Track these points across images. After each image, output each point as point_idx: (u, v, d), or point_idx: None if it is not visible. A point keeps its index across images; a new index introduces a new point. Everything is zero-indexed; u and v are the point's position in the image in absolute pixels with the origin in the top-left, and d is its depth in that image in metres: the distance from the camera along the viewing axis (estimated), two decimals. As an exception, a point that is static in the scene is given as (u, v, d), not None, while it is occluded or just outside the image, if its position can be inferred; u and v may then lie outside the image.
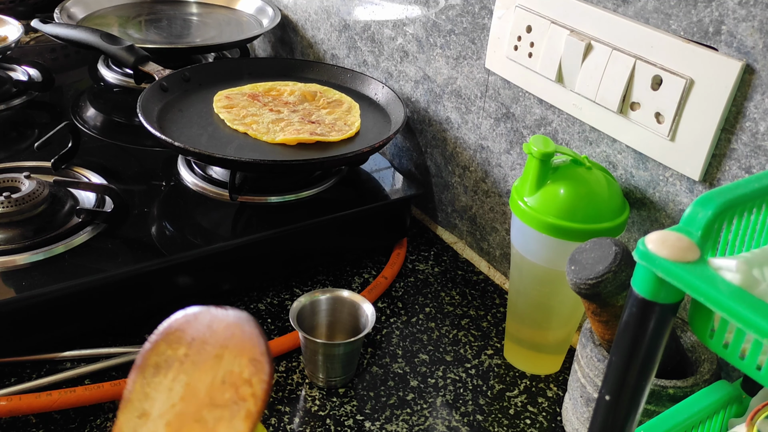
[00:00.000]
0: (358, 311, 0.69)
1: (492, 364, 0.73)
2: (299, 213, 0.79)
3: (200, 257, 0.73)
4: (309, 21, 1.14)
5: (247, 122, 0.85)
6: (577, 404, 0.62)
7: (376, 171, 0.90)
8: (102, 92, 1.11)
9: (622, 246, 0.51)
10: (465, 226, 0.90)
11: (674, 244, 0.33)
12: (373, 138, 0.85)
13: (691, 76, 0.57)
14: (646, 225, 0.66)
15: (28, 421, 0.62)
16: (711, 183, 0.59)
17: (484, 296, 0.83)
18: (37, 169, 0.82)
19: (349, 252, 0.86)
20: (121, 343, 0.70)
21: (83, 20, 1.18)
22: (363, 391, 0.68)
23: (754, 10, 0.52)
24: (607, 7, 0.63)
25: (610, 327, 0.55)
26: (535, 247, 0.64)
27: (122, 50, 0.97)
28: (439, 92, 0.88)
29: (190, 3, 1.31)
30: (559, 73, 0.68)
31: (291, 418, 0.65)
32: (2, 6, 1.31)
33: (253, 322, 0.43)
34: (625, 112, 0.63)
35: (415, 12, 0.88)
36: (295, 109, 0.89)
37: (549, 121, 0.73)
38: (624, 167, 0.66)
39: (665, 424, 0.48)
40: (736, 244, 0.38)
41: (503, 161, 0.81)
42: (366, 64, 1.02)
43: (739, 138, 0.56)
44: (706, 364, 0.58)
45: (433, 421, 0.66)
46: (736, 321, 0.30)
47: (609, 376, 0.37)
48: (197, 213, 0.80)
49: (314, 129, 0.84)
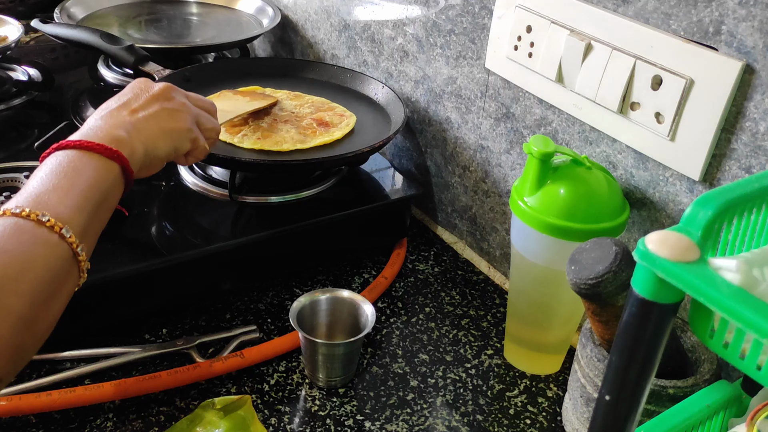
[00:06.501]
0: (358, 311, 0.69)
1: (492, 364, 0.73)
2: (299, 213, 0.79)
3: (200, 257, 0.73)
4: (309, 21, 1.14)
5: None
6: (577, 404, 0.62)
7: (376, 171, 0.90)
8: (102, 92, 1.10)
9: (622, 246, 0.51)
10: (465, 226, 0.90)
11: (674, 244, 0.33)
12: (373, 138, 0.85)
13: (691, 76, 0.57)
14: (646, 225, 0.66)
15: (28, 421, 0.62)
16: (711, 183, 0.59)
17: (484, 296, 0.83)
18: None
19: (349, 252, 0.86)
20: (121, 343, 0.70)
21: (83, 20, 1.18)
22: (363, 391, 0.68)
23: (754, 10, 0.52)
24: (607, 7, 0.63)
25: (610, 327, 0.55)
26: (535, 247, 0.64)
27: (122, 50, 0.97)
28: (439, 92, 0.88)
29: (190, 3, 1.31)
30: (559, 73, 0.68)
31: (291, 418, 0.65)
32: (2, 6, 1.31)
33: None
34: (625, 112, 0.63)
35: (415, 12, 0.88)
36: (287, 120, 0.88)
37: (549, 121, 0.73)
38: (624, 167, 0.66)
39: (665, 424, 0.48)
40: (736, 244, 0.38)
41: (503, 161, 0.81)
42: (366, 64, 1.02)
43: (739, 138, 0.56)
44: (706, 364, 0.58)
45: (433, 421, 0.66)
46: (736, 321, 0.30)
47: (609, 376, 0.37)
48: (197, 213, 0.80)
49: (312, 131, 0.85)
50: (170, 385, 0.65)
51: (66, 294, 0.49)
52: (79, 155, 0.52)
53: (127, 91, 0.63)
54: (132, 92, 0.62)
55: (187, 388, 0.67)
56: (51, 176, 0.50)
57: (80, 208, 0.49)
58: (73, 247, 0.48)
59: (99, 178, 0.52)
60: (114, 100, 0.61)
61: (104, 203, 0.52)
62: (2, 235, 0.45)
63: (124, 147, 0.55)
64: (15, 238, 0.45)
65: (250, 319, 0.76)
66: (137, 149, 0.56)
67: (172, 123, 0.61)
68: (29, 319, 0.44)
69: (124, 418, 0.63)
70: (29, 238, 0.46)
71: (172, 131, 0.61)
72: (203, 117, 0.66)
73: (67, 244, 0.47)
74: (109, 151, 0.53)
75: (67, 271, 0.48)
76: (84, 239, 0.49)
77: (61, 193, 0.49)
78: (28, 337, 0.45)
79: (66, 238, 0.47)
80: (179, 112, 0.62)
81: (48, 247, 0.46)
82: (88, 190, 0.51)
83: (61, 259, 0.47)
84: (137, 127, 0.58)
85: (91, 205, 0.51)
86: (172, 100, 0.63)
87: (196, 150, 0.64)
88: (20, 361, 0.46)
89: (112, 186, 0.54)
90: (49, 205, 0.48)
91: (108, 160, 0.53)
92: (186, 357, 0.70)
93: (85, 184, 0.51)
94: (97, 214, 0.51)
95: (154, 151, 0.59)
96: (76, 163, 0.52)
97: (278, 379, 0.69)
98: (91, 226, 0.51)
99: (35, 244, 0.46)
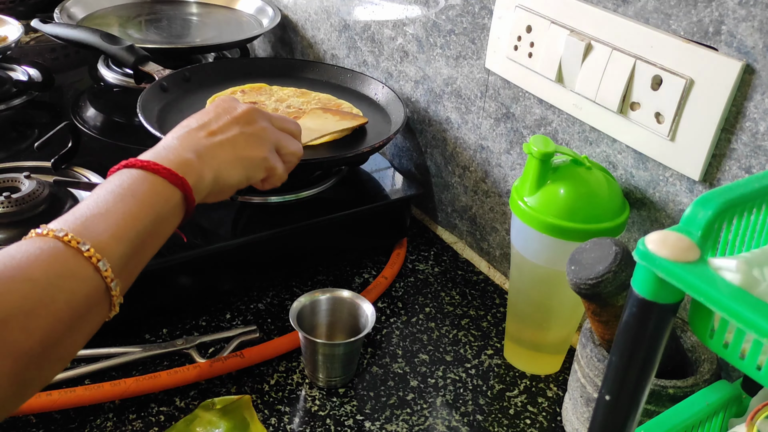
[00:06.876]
0: (358, 311, 0.69)
1: (492, 364, 0.73)
2: (299, 213, 0.79)
3: (200, 257, 0.73)
4: (309, 21, 1.14)
5: None
6: (577, 404, 0.62)
7: (376, 171, 0.90)
8: (102, 92, 1.10)
9: (622, 246, 0.51)
10: (465, 226, 0.90)
11: (674, 244, 0.33)
12: (373, 138, 0.85)
13: (691, 76, 0.57)
14: (646, 225, 0.66)
15: (28, 421, 0.62)
16: (711, 183, 0.59)
17: (484, 296, 0.83)
18: (37, 169, 0.82)
19: (349, 252, 0.86)
20: (121, 343, 0.70)
21: (83, 20, 1.18)
22: (363, 391, 0.68)
23: (754, 10, 0.52)
24: (607, 7, 0.63)
25: (610, 327, 0.55)
26: (535, 247, 0.64)
27: (122, 50, 0.97)
28: (439, 92, 0.88)
29: (190, 3, 1.31)
30: (559, 73, 0.68)
31: (291, 418, 0.65)
32: (2, 6, 1.31)
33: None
34: (625, 112, 0.63)
35: (415, 12, 0.88)
36: (296, 116, 0.88)
37: (549, 121, 0.73)
38: (624, 167, 0.66)
39: (665, 424, 0.48)
40: (736, 244, 0.38)
41: (503, 161, 0.81)
42: (366, 64, 1.02)
43: (739, 138, 0.56)
44: (706, 364, 0.58)
45: (433, 421, 0.66)
46: (736, 321, 0.30)
47: (609, 376, 0.37)
48: (197, 213, 0.79)
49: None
50: (170, 385, 0.65)
51: (89, 329, 0.47)
52: (143, 178, 0.51)
53: (210, 109, 0.61)
54: (214, 111, 0.60)
55: (187, 388, 0.67)
56: (107, 197, 0.49)
57: (126, 239, 0.48)
58: (107, 281, 0.46)
59: (157, 205, 0.50)
60: (195, 118, 0.60)
61: (157, 232, 0.51)
62: (36, 259, 0.43)
63: (192, 173, 0.53)
64: (46, 265, 0.43)
65: (250, 319, 0.76)
66: (206, 176, 0.55)
67: (248, 150, 0.59)
68: (38, 355, 0.42)
69: (124, 418, 0.63)
70: (60, 269, 0.44)
71: (246, 159, 0.59)
72: (285, 141, 0.63)
73: (101, 278, 0.45)
74: (173, 177, 0.52)
75: (93, 305, 0.46)
76: (122, 273, 0.47)
77: (110, 220, 0.47)
78: (33, 371, 0.43)
79: (101, 272, 0.45)
80: (258, 139, 0.60)
81: (77, 281, 0.44)
82: (141, 218, 0.49)
83: (87, 296, 0.45)
84: (211, 152, 0.56)
85: (140, 235, 0.49)
86: (252, 124, 0.60)
87: (273, 177, 0.62)
88: (24, 395, 0.44)
89: (170, 213, 0.52)
90: (94, 232, 0.46)
91: (171, 186, 0.52)
92: (186, 357, 0.70)
93: (140, 211, 0.49)
94: (144, 245, 0.50)
95: (224, 179, 0.57)
96: (137, 186, 0.50)
97: (278, 379, 0.69)
98: (135, 259, 0.49)
99: (63, 277, 0.44)
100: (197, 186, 0.54)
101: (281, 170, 0.63)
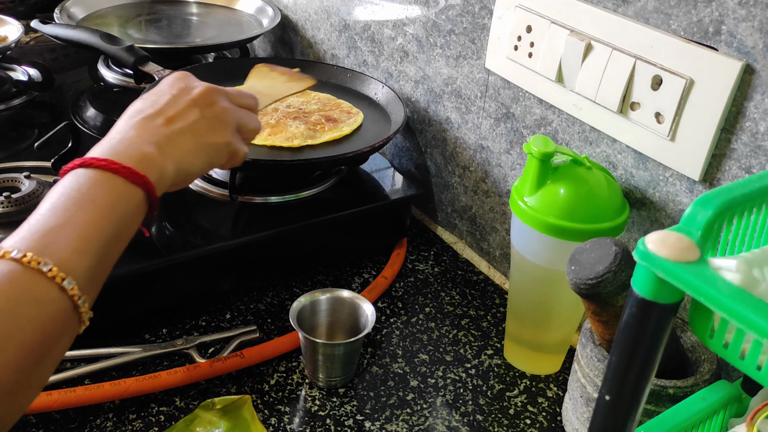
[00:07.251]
0: (358, 311, 0.69)
1: (492, 364, 0.73)
2: (299, 213, 0.79)
3: (200, 257, 0.73)
4: (309, 21, 1.14)
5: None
6: (577, 404, 0.62)
7: (376, 171, 0.90)
8: (102, 92, 1.10)
9: (622, 246, 0.51)
10: (465, 226, 0.90)
11: (674, 244, 0.33)
12: (373, 138, 0.85)
13: (691, 76, 0.57)
14: (646, 225, 0.66)
15: (28, 421, 0.62)
16: (711, 183, 0.59)
17: (484, 296, 0.83)
18: (37, 169, 0.82)
19: (349, 252, 0.86)
20: (121, 343, 0.70)
21: (83, 20, 1.18)
22: (363, 391, 0.68)
23: (754, 10, 0.52)
24: (607, 7, 0.63)
25: (610, 327, 0.55)
26: (535, 247, 0.64)
27: (122, 50, 0.97)
28: (439, 92, 0.88)
29: (190, 3, 1.31)
30: (559, 73, 0.68)
31: (291, 418, 0.65)
32: (2, 6, 1.31)
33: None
34: (625, 112, 0.63)
35: (415, 12, 0.88)
36: (295, 116, 0.88)
37: (549, 121, 0.73)
38: (624, 167, 0.66)
39: (665, 424, 0.48)
40: (736, 244, 0.38)
41: (503, 161, 0.81)
42: (366, 64, 1.02)
43: (739, 138, 0.56)
44: (706, 364, 0.58)
45: (433, 421, 0.66)
46: (736, 321, 0.30)
47: (609, 376, 0.37)
48: (197, 213, 0.80)
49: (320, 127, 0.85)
50: (170, 385, 0.65)
51: (61, 351, 0.43)
52: (102, 179, 0.47)
53: (164, 89, 0.56)
54: (170, 92, 0.56)
55: (187, 388, 0.67)
56: (66, 204, 0.45)
57: (90, 251, 0.44)
58: (75, 299, 0.42)
59: (119, 208, 0.47)
60: (149, 100, 0.55)
61: (120, 236, 0.47)
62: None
63: (153, 169, 0.49)
64: (6, 294, 0.40)
65: (250, 319, 0.76)
66: (167, 169, 0.51)
67: (210, 136, 0.55)
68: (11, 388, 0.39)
69: (124, 418, 0.63)
70: (22, 296, 0.40)
71: (209, 146, 0.55)
72: (245, 119, 0.60)
73: (68, 297, 0.42)
74: (134, 176, 0.48)
75: (63, 327, 0.43)
76: (89, 287, 0.44)
77: (71, 233, 0.44)
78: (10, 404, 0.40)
79: (67, 291, 0.42)
80: (220, 122, 0.56)
81: (42, 306, 0.41)
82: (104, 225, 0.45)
83: (55, 319, 0.42)
84: (172, 142, 0.52)
85: (105, 244, 0.45)
86: (213, 106, 0.56)
87: (235, 159, 0.59)
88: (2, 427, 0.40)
89: (133, 214, 0.48)
90: (55, 248, 0.42)
91: (132, 186, 0.48)
92: (186, 357, 0.70)
93: (102, 219, 0.46)
94: (109, 252, 0.46)
95: (187, 168, 0.53)
96: (96, 190, 0.46)
97: (278, 379, 0.69)
98: (100, 269, 0.46)
99: (27, 304, 0.40)
100: (159, 181, 0.50)
101: (243, 151, 0.59)
